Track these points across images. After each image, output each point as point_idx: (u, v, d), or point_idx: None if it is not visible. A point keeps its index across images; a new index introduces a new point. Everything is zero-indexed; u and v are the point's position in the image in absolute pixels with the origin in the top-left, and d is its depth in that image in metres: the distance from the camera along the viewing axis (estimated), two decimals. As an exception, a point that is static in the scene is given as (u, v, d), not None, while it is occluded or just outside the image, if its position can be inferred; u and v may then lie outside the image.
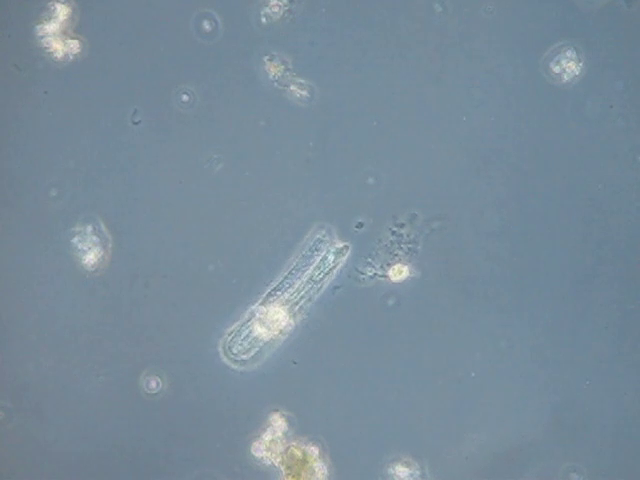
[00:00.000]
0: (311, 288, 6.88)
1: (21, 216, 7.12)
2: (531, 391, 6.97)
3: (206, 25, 7.11)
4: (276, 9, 7.07)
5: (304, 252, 6.84)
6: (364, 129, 7.09)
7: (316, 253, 6.87)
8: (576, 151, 7.06)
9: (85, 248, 7.08)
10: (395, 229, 6.97)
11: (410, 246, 6.97)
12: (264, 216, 7.09)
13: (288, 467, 6.96)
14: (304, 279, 6.86)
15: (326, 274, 6.87)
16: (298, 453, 6.95)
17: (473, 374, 6.97)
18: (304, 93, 7.07)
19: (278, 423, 6.97)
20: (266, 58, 7.08)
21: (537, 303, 7.02)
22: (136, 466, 7.04)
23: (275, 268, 7.04)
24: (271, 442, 6.97)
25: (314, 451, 6.96)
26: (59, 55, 7.11)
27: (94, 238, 7.08)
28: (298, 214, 7.08)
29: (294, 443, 6.98)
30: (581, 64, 7.04)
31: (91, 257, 7.08)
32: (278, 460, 6.97)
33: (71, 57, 7.12)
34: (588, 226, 7.04)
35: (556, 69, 7.04)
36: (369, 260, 6.98)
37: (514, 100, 7.06)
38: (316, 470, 6.96)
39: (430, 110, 7.08)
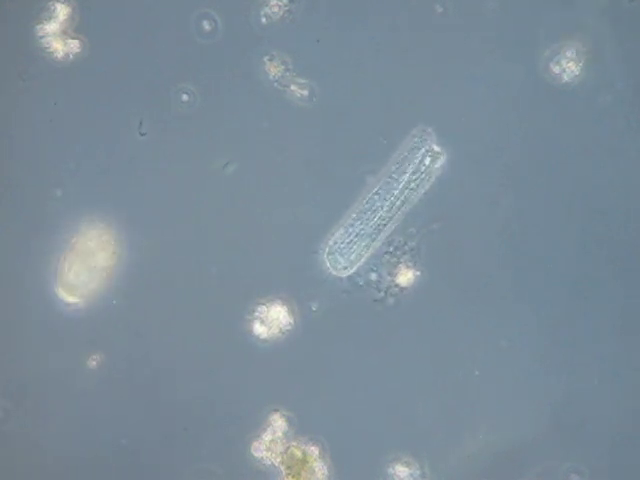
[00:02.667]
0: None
1: (22, 217, 7.12)
2: (531, 391, 6.97)
3: (206, 25, 7.11)
4: (276, 9, 7.07)
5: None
6: (364, 129, 7.09)
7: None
8: (576, 151, 7.06)
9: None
10: (394, 246, 6.99)
11: (413, 249, 6.97)
12: (264, 216, 7.09)
13: (288, 467, 6.96)
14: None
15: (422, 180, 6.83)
16: (298, 453, 6.96)
17: (477, 372, 6.97)
18: (304, 93, 7.07)
19: (278, 423, 6.97)
20: (266, 58, 7.09)
21: (537, 303, 7.02)
22: (136, 466, 7.04)
23: (276, 270, 7.05)
24: (271, 442, 6.97)
25: (314, 451, 6.96)
26: (59, 55, 7.11)
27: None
28: (298, 214, 7.08)
29: (294, 443, 6.98)
30: (581, 64, 7.04)
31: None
32: (278, 460, 6.97)
33: (71, 57, 7.12)
34: (588, 225, 7.04)
35: (556, 69, 7.04)
36: (373, 268, 6.99)
37: (514, 100, 7.06)
38: (316, 470, 6.96)
39: (430, 110, 7.08)
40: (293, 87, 7.07)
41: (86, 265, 6.98)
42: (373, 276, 7.00)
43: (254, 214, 7.09)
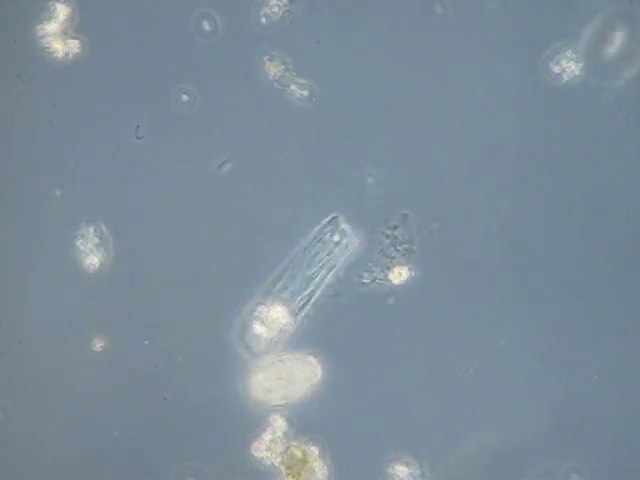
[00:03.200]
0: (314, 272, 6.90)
1: (22, 218, 7.12)
2: (531, 391, 6.96)
3: (206, 25, 7.11)
4: (276, 9, 7.07)
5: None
6: (364, 129, 7.09)
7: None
8: (576, 151, 7.06)
9: (87, 250, 7.08)
10: (388, 232, 6.97)
11: (406, 246, 6.97)
12: (264, 216, 7.09)
13: (288, 467, 6.96)
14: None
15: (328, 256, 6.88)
16: (298, 453, 6.96)
17: (471, 370, 6.97)
18: (304, 93, 7.07)
19: (278, 423, 6.97)
20: (266, 58, 7.08)
21: (537, 302, 7.01)
22: (136, 465, 7.05)
23: (276, 269, 7.05)
24: (271, 442, 6.97)
25: (314, 451, 6.96)
26: (59, 55, 7.11)
27: (96, 240, 7.08)
28: (298, 214, 7.09)
29: (294, 443, 6.98)
30: (581, 64, 7.04)
31: (93, 258, 7.08)
32: (278, 460, 6.97)
33: (71, 57, 7.12)
34: (588, 226, 7.04)
35: (556, 69, 7.04)
36: (369, 264, 6.98)
37: (514, 100, 7.06)
38: (316, 470, 6.96)
39: (430, 110, 7.08)
40: (293, 87, 7.07)
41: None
42: (366, 276, 7.00)
43: (254, 214, 7.09)
